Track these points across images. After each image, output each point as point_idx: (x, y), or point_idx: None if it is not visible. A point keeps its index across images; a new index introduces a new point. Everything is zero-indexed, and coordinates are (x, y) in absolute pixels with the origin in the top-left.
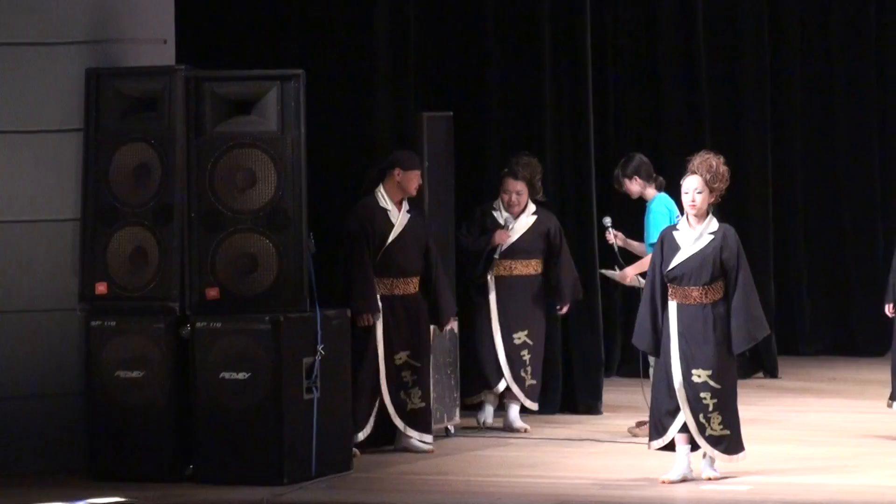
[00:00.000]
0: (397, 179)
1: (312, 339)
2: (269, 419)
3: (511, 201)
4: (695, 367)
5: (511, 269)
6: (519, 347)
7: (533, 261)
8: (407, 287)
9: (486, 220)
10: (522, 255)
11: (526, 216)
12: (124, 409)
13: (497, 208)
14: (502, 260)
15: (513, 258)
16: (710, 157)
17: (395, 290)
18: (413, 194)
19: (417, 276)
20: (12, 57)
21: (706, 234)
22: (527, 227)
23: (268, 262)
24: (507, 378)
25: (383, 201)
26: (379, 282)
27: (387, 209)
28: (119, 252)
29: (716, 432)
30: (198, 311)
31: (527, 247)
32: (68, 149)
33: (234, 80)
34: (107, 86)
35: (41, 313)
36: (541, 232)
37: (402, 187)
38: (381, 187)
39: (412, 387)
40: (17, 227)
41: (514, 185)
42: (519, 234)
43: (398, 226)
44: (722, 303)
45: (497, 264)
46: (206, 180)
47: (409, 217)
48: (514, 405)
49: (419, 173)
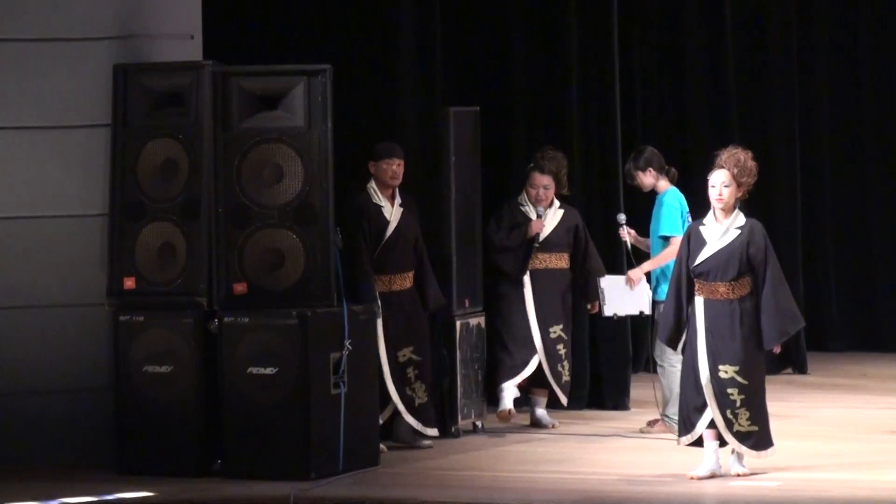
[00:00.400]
0: (372, 172)
1: (339, 333)
2: (296, 414)
3: (539, 196)
4: (722, 362)
5: (546, 262)
6: (555, 342)
7: (564, 255)
8: (403, 282)
9: (515, 215)
10: (555, 248)
11: (554, 210)
12: (152, 403)
13: (524, 203)
14: (537, 253)
15: (547, 251)
16: (738, 151)
17: (393, 286)
18: (393, 184)
19: (412, 270)
20: (40, 53)
21: (733, 228)
22: (557, 220)
23: (295, 257)
24: (546, 372)
25: (376, 197)
26: (377, 279)
27: (380, 205)
28: (147, 247)
29: (743, 428)
30: (225, 306)
31: (558, 240)
32: (96, 144)
33: (261, 76)
34: (134, 81)
35: (69, 308)
36: (569, 226)
37: (382, 179)
38: (371, 182)
39: (415, 382)
40: (45, 222)
41: (541, 180)
42: (551, 227)
43: (393, 221)
44: (749, 298)
45: (532, 257)
46: (233, 176)
47: (402, 211)
48: (541, 401)
49: (392, 160)
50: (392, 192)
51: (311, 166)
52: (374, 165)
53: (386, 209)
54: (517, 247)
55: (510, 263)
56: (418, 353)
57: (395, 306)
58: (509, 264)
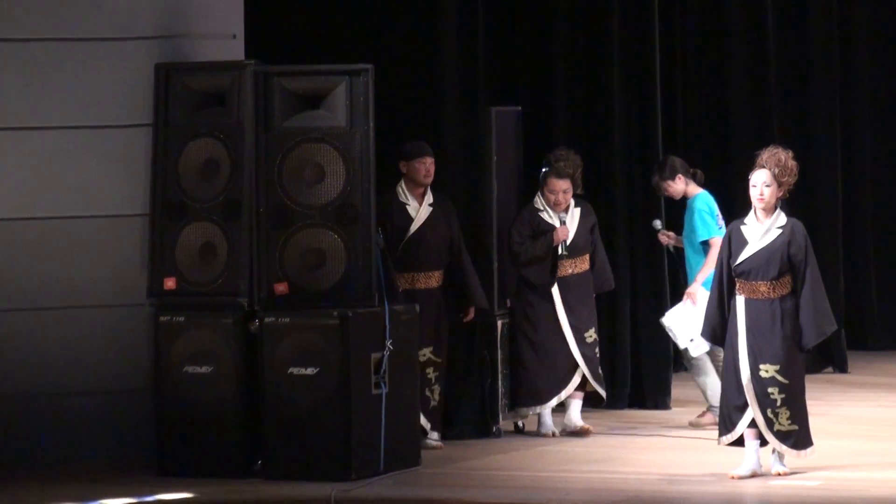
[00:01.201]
0: (404, 171)
1: (381, 333)
2: (338, 414)
3: (558, 200)
4: (762, 361)
5: (572, 267)
6: (592, 346)
7: (586, 256)
8: (429, 281)
9: (536, 223)
10: (578, 252)
11: (571, 211)
12: (193, 404)
13: (541, 208)
14: (563, 260)
15: (572, 257)
16: (779, 151)
17: (417, 283)
18: (426, 182)
19: (440, 269)
20: (82, 52)
21: (774, 228)
22: (577, 222)
23: (336, 256)
24: (589, 378)
25: (403, 196)
26: (400, 276)
27: (406, 203)
28: (188, 247)
29: (784, 427)
30: (266, 306)
31: (583, 243)
32: (137, 144)
33: (303, 75)
34: (176, 81)
35: (110, 308)
36: (588, 226)
37: (412, 178)
38: (401, 182)
39: (434, 383)
40: (86, 222)
41: (560, 185)
42: (574, 231)
43: (418, 219)
44: (790, 297)
45: (559, 265)
46: (275, 175)
47: (430, 210)
48: (576, 403)
49: (425, 159)
50: (423, 190)
51: (353, 166)
52: (405, 165)
53: (411, 207)
54: (544, 256)
55: (539, 275)
56: (437, 353)
57: (420, 305)
58: (538, 276)
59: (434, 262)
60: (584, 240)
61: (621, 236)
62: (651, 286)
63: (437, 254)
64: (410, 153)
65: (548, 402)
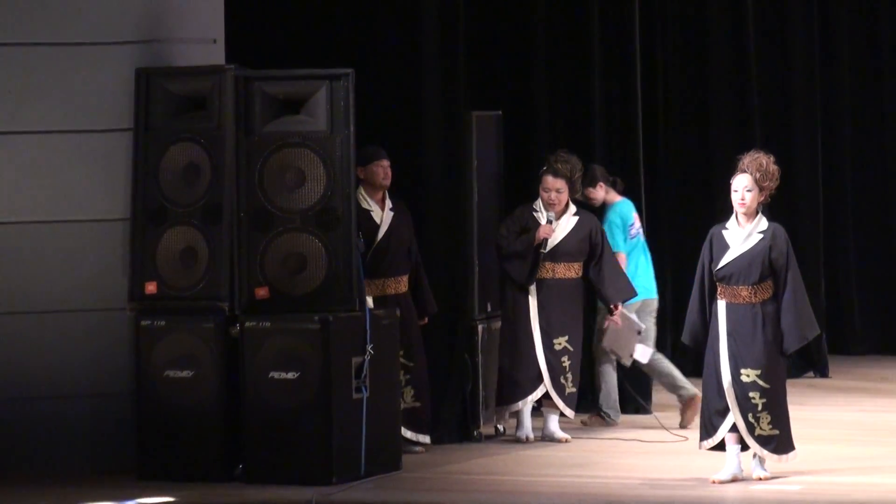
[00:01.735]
0: (362, 177)
1: (361, 338)
2: (318, 419)
3: (551, 199)
4: (743, 366)
5: (553, 271)
6: (559, 353)
7: (575, 264)
8: (398, 286)
9: (526, 220)
10: (565, 257)
11: (568, 217)
12: (173, 408)
13: (538, 208)
14: (545, 262)
15: (555, 261)
16: (760, 155)
17: (387, 289)
18: (385, 185)
19: (406, 274)
20: (62, 57)
21: (755, 233)
22: (569, 228)
23: (317, 261)
24: (546, 385)
25: (365, 203)
26: (371, 283)
27: (369, 210)
28: (169, 251)
29: (765, 432)
30: (247, 310)
31: (570, 249)
32: (118, 148)
33: (284, 80)
34: (156, 85)
35: (91, 313)
36: (583, 234)
37: (371, 182)
38: (359, 189)
39: (404, 386)
40: (66, 226)
41: (553, 183)
42: (562, 236)
43: (383, 225)
44: (771, 302)
45: (540, 266)
46: (256, 180)
47: (392, 215)
48: (553, 415)
49: (382, 162)
50: (382, 195)
51: (334, 170)
52: (362, 170)
53: (375, 213)
54: (524, 252)
55: (518, 270)
56: (409, 357)
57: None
58: (517, 271)
59: (402, 267)
60: (572, 247)
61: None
62: None
63: (404, 258)
64: (366, 157)
65: (514, 402)
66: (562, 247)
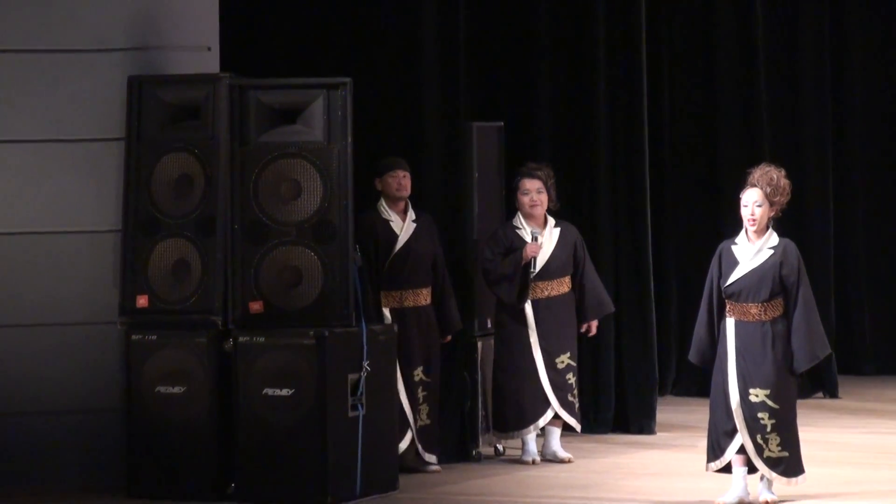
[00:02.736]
0: (379, 188)
1: (358, 354)
2: (313, 437)
3: (533, 201)
4: (752, 386)
5: (547, 290)
6: (563, 372)
7: (566, 278)
8: (417, 299)
9: (510, 239)
10: (557, 273)
11: (549, 230)
12: (165, 425)
13: (519, 225)
14: (537, 282)
15: (548, 279)
16: (770, 169)
17: (406, 302)
18: (400, 196)
19: (427, 286)
20: (53, 64)
21: (766, 248)
22: (554, 242)
23: (313, 275)
24: (555, 407)
25: (385, 213)
26: (388, 295)
27: (389, 220)
28: (161, 264)
29: (774, 454)
30: (241, 325)
31: (558, 265)
32: (109, 158)
33: (280, 89)
34: (149, 94)
35: (81, 326)
36: (569, 246)
37: (388, 193)
38: (380, 200)
39: (422, 403)
40: (56, 237)
41: (532, 184)
42: (550, 251)
43: (403, 236)
44: (781, 320)
45: (533, 287)
46: (250, 191)
47: (414, 226)
48: (555, 431)
49: (396, 173)
50: (403, 206)
51: (331, 182)
52: (379, 182)
53: (395, 224)
54: (512, 274)
55: (507, 293)
56: (426, 373)
57: (408, 323)
58: (507, 294)
59: (422, 280)
60: (561, 262)
61: (605, 255)
62: (637, 306)
63: (424, 270)
64: (382, 169)
65: (520, 429)
66: (551, 263)
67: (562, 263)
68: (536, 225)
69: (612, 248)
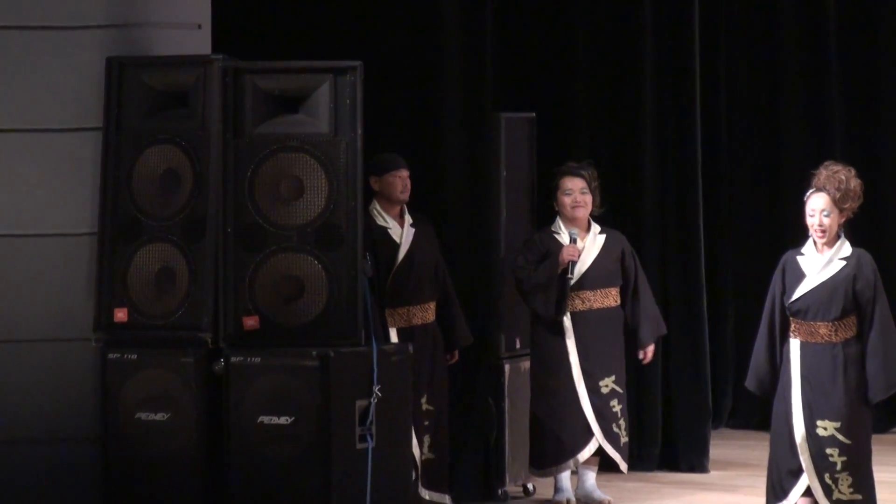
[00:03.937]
0: (377, 189)
1: (367, 378)
2: (316, 471)
3: (576, 202)
4: (820, 417)
5: (589, 301)
6: (607, 398)
7: (612, 290)
8: (425, 315)
9: (547, 246)
10: (600, 283)
11: (593, 236)
12: (146, 456)
13: (558, 230)
14: (577, 292)
15: (591, 288)
16: (839, 170)
17: (414, 319)
18: (403, 199)
19: (434, 300)
20: (19, 42)
21: (837, 259)
22: (597, 249)
23: (316, 286)
24: (598, 438)
25: (381, 219)
26: (394, 313)
27: (386, 227)
28: (142, 273)
29: (845, 496)
30: (233, 343)
31: (602, 274)
32: (84, 151)
33: (280, 73)
34: (130, 77)
35: (50, 343)
36: (615, 255)
37: (387, 196)
38: (373, 203)
39: (424, 433)
40: (22, 242)
41: (574, 183)
42: (591, 259)
43: (404, 244)
44: (854, 342)
45: (572, 297)
46: (245, 190)
47: (413, 232)
48: (590, 472)
49: (400, 172)
50: (400, 210)
51: (337, 180)
52: (377, 181)
53: (394, 231)
54: (547, 282)
55: (543, 304)
56: (432, 401)
57: (417, 344)
58: (542, 306)
59: (428, 293)
60: (606, 271)
61: (651, 266)
62: (687, 325)
63: (429, 282)
64: (383, 167)
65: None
66: (592, 272)
67: (606, 272)
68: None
69: (659, 257)
